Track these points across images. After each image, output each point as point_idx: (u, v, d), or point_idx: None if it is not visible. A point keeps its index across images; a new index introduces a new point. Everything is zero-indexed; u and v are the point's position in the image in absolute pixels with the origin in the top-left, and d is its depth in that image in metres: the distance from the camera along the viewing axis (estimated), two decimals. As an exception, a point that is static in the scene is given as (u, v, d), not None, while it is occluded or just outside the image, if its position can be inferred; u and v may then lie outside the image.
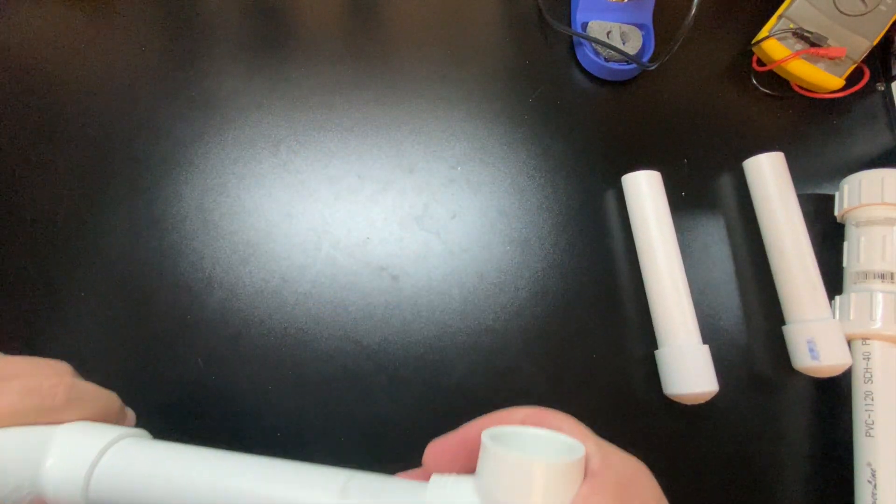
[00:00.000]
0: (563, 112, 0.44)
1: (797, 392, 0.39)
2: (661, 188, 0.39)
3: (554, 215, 0.41)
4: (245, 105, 0.41)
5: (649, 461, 0.37)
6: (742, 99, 0.45)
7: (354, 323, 0.37)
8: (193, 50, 0.43)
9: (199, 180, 0.39)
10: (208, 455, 0.23)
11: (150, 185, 0.39)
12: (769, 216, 0.39)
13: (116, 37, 0.39)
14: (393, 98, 0.43)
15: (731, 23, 0.47)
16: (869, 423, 0.35)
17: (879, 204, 0.38)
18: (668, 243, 0.38)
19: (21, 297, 0.36)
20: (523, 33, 0.45)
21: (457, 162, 0.41)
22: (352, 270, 0.38)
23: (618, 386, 0.38)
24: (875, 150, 0.45)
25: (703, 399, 0.36)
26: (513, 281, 0.39)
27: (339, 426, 0.35)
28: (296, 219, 0.39)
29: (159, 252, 0.38)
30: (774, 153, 0.40)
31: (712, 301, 0.40)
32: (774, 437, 0.38)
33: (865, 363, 0.36)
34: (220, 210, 0.39)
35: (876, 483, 0.34)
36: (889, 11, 0.42)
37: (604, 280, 0.40)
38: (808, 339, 0.36)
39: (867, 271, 0.38)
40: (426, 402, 0.36)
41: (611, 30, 0.43)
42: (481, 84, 0.44)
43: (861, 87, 0.43)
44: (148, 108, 0.41)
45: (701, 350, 0.36)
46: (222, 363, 0.36)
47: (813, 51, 0.42)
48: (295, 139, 0.41)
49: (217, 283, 0.37)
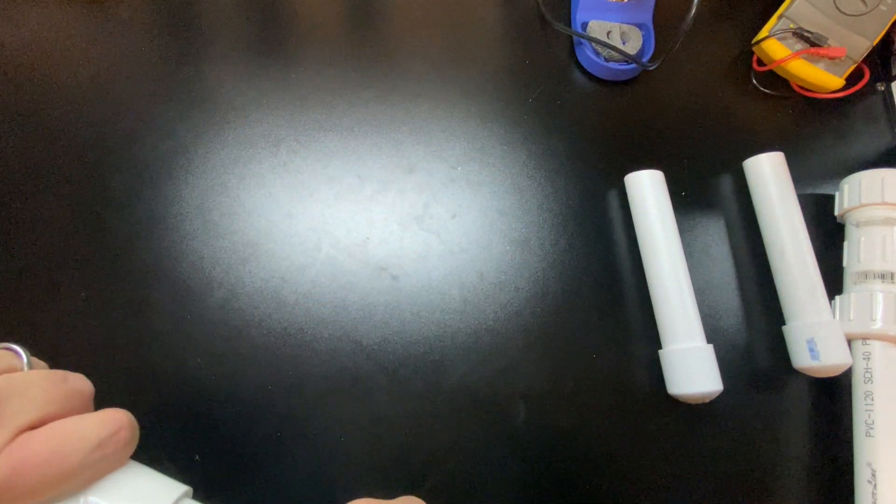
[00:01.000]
0: (563, 112, 0.44)
1: (797, 392, 0.39)
2: (664, 187, 0.39)
3: (554, 215, 0.41)
4: (245, 105, 0.41)
5: (649, 460, 0.38)
6: (742, 99, 0.45)
7: (354, 323, 0.37)
8: (193, 50, 0.43)
9: (199, 180, 0.40)
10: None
11: (150, 185, 0.39)
12: (769, 216, 0.39)
13: (116, 36, 0.39)
14: (393, 98, 0.43)
15: (731, 23, 0.47)
16: (869, 423, 0.35)
17: (879, 204, 0.38)
18: (672, 243, 0.38)
19: (22, 297, 0.36)
20: (523, 33, 0.45)
21: (457, 162, 0.41)
22: (352, 270, 0.38)
23: (618, 385, 0.38)
24: (875, 150, 0.45)
25: (708, 399, 0.36)
26: (513, 281, 0.39)
27: (339, 426, 0.35)
28: (296, 219, 0.39)
29: (159, 252, 0.38)
30: (775, 153, 0.40)
31: (712, 301, 0.40)
32: (774, 437, 0.38)
33: (866, 363, 0.36)
34: (220, 210, 0.39)
35: (876, 483, 0.34)
36: (889, 11, 0.42)
37: (604, 280, 0.40)
38: (808, 338, 0.36)
39: (867, 271, 0.38)
40: (426, 402, 0.36)
41: (611, 30, 0.43)
42: (481, 84, 0.44)
43: (861, 87, 0.43)
44: (148, 108, 0.41)
45: (706, 349, 0.36)
46: (222, 363, 0.36)
47: (813, 51, 0.42)
48: (295, 139, 0.41)
49: (217, 283, 0.37)
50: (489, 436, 0.36)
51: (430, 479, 0.36)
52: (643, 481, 0.37)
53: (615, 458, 0.37)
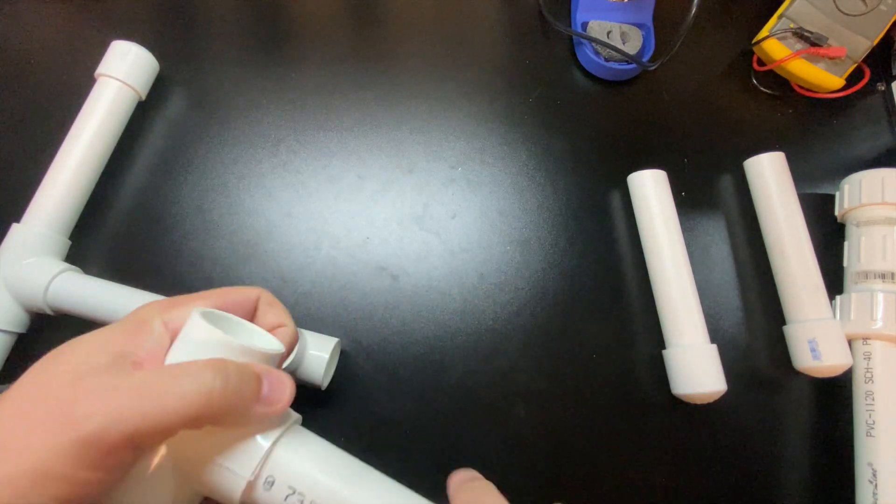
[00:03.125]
0: (563, 112, 0.43)
1: (798, 392, 0.39)
2: (667, 187, 0.39)
3: (554, 215, 0.41)
4: (245, 105, 0.41)
5: (651, 459, 0.37)
6: (742, 99, 0.45)
7: (354, 323, 0.37)
8: (193, 50, 0.43)
9: (199, 180, 0.39)
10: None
11: (150, 185, 0.39)
12: (770, 216, 0.39)
13: (116, 37, 0.39)
14: (393, 98, 0.43)
15: (731, 23, 0.47)
16: (870, 423, 0.35)
17: (880, 204, 0.38)
18: (675, 242, 0.38)
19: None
20: (523, 33, 0.45)
21: (457, 162, 0.41)
22: (352, 270, 0.38)
23: (619, 385, 0.38)
24: (875, 150, 0.45)
25: (712, 398, 0.35)
26: (513, 281, 0.39)
27: (339, 426, 0.35)
28: (296, 219, 0.39)
29: (159, 252, 0.38)
30: (775, 153, 0.40)
31: (713, 301, 0.40)
32: (775, 437, 0.38)
33: (866, 363, 0.36)
34: (220, 210, 0.39)
35: (877, 483, 0.34)
36: (889, 11, 0.42)
37: (604, 279, 0.40)
38: (809, 338, 0.36)
39: (868, 271, 0.38)
40: (426, 402, 0.36)
41: (611, 30, 0.43)
42: (481, 84, 0.44)
43: (861, 87, 0.43)
44: (147, 107, 0.41)
45: (710, 349, 0.36)
46: (222, 363, 0.36)
47: (813, 50, 0.42)
48: (295, 139, 0.41)
49: (217, 283, 0.37)
50: (489, 436, 0.36)
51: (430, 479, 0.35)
52: (645, 481, 0.37)
53: (617, 458, 0.37)
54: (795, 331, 0.37)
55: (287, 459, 0.21)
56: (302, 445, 0.22)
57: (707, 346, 0.36)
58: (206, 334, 0.20)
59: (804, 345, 0.36)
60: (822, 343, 0.36)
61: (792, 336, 0.38)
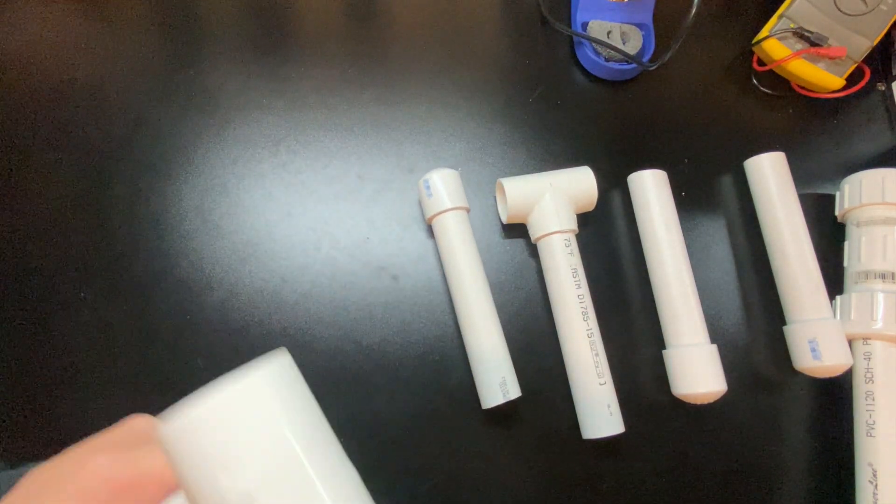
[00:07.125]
0: (563, 112, 0.43)
1: (798, 392, 0.39)
2: (668, 187, 0.39)
3: (554, 215, 0.41)
4: (245, 105, 0.41)
5: (651, 459, 0.37)
6: (742, 99, 0.45)
7: (354, 323, 0.37)
8: (193, 50, 0.43)
9: (199, 180, 0.39)
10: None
11: (150, 185, 0.39)
12: (770, 216, 0.39)
13: (116, 37, 0.39)
14: (393, 98, 0.43)
15: (731, 23, 0.47)
16: (870, 423, 0.35)
17: (880, 204, 0.38)
18: (675, 242, 0.38)
19: (22, 297, 0.36)
20: (523, 33, 0.45)
21: (457, 162, 0.41)
22: (351, 270, 0.38)
23: (618, 385, 0.38)
24: (875, 150, 0.45)
25: (713, 398, 0.36)
26: (513, 281, 0.39)
27: (339, 426, 0.35)
28: (296, 219, 0.39)
29: (159, 252, 0.38)
30: (775, 153, 0.40)
31: (713, 301, 0.40)
32: (775, 438, 0.38)
33: (866, 363, 0.36)
34: (220, 210, 0.39)
35: (877, 483, 0.34)
36: (889, 11, 0.42)
37: (604, 279, 0.40)
38: (809, 338, 0.36)
39: (868, 271, 0.38)
40: (426, 402, 0.36)
41: (611, 30, 0.43)
42: (481, 84, 0.44)
43: (861, 87, 0.43)
44: (148, 108, 0.41)
45: (710, 349, 0.36)
46: (222, 363, 0.36)
47: (813, 50, 0.42)
48: (295, 139, 0.41)
49: (217, 283, 0.37)
50: (489, 436, 0.36)
51: (430, 479, 0.36)
52: (646, 481, 0.37)
53: (617, 458, 0.37)
54: (795, 331, 0.37)
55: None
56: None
57: (707, 346, 0.36)
58: None
59: (804, 345, 0.37)
60: (822, 343, 0.36)
61: (792, 336, 0.38)
